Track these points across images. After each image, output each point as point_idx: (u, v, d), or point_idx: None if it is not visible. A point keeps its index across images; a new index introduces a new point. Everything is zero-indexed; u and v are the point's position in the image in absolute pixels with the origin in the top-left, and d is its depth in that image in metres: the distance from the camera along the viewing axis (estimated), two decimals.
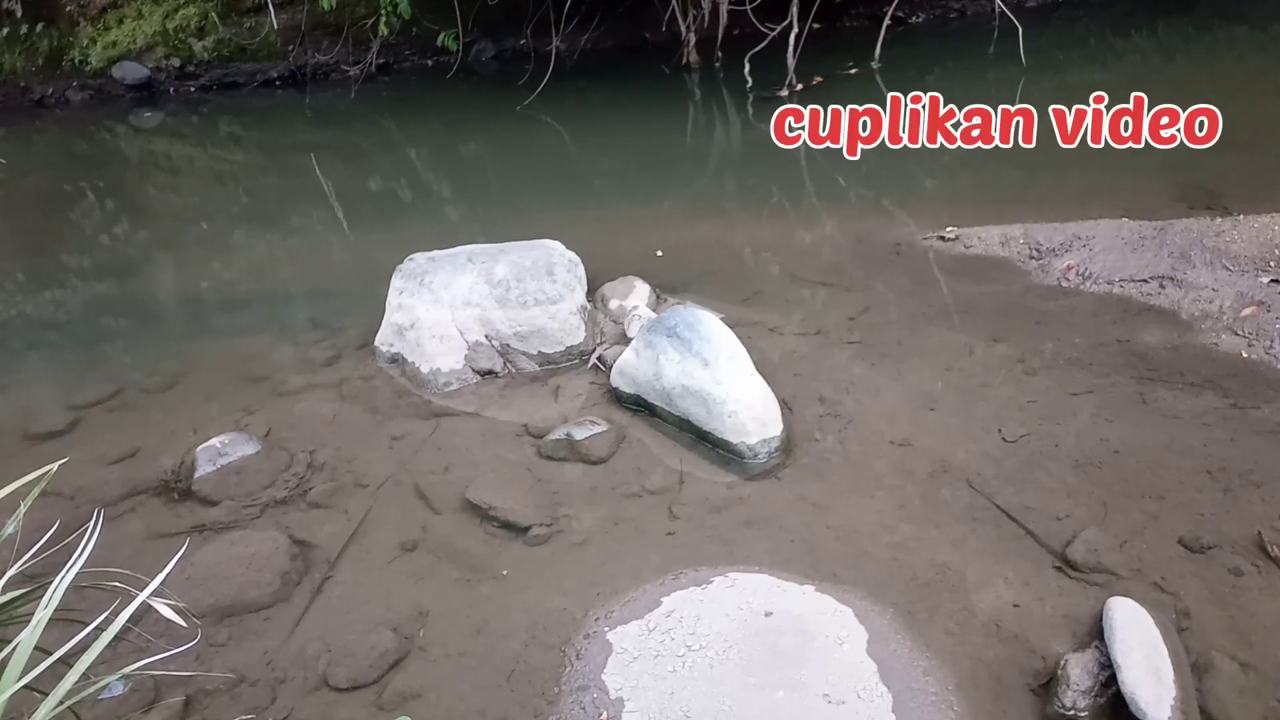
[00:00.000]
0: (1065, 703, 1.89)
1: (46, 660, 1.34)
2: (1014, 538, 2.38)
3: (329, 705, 2.14)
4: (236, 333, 4.06)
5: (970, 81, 6.83)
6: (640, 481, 2.77)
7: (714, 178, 5.98)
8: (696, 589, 2.29)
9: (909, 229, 4.32)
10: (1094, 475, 2.55)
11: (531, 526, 2.62)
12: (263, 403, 3.46)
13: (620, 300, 3.71)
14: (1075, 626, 2.09)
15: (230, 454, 3.08)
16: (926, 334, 3.40)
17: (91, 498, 2.98)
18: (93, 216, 6.76)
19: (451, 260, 3.67)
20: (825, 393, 3.10)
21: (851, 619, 2.15)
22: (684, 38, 7.80)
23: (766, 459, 2.80)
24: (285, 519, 2.80)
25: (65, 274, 5.43)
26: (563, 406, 3.23)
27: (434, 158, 7.32)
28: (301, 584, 2.53)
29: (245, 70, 9.56)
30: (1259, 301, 3.25)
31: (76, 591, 1.48)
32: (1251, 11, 7.43)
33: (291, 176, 7.26)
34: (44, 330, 4.55)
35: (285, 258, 5.28)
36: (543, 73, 7.55)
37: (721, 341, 2.99)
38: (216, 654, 2.31)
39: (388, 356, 3.63)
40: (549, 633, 2.24)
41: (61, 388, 3.76)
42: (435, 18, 8.38)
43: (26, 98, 9.90)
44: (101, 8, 9.71)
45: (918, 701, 1.94)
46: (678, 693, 2.00)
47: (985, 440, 2.76)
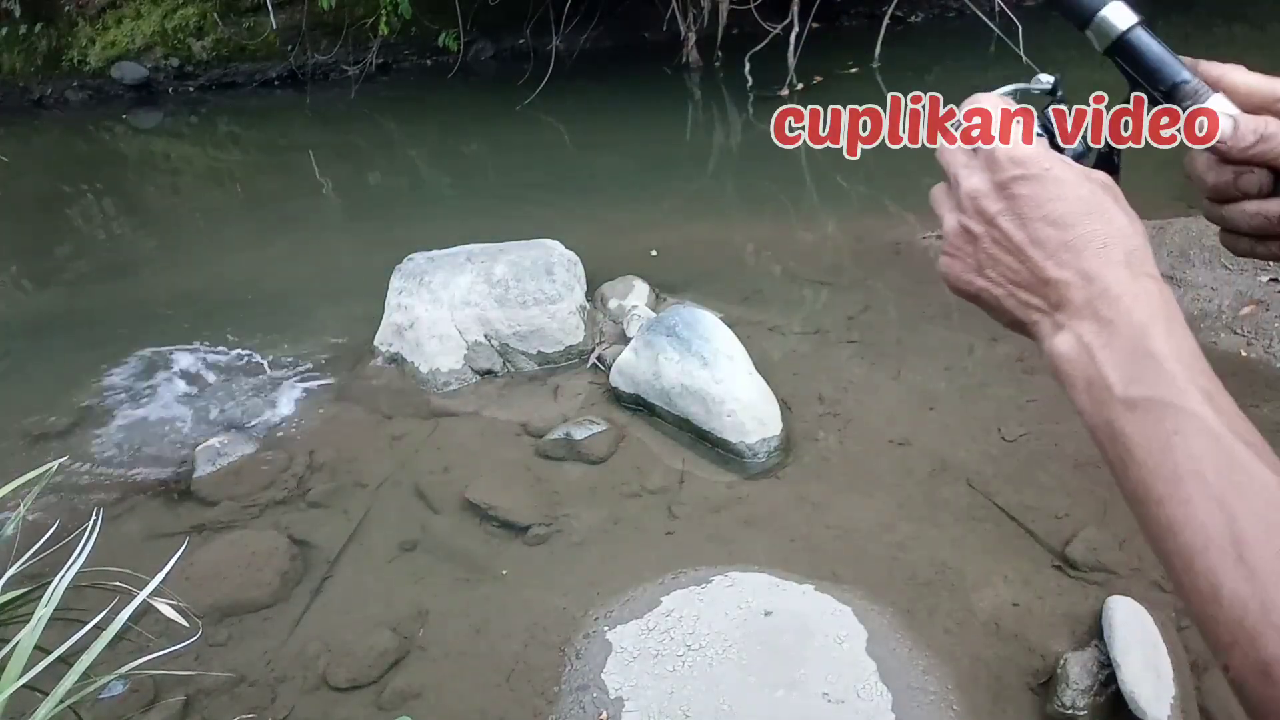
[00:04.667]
0: (1065, 701, 1.89)
1: (46, 659, 1.34)
2: (1013, 537, 2.39)
3: (329, 705, 2.14)
4: (235, 332, 4.05)
5: (970, 81, 6.80)
6: (640, 481, 2.77)
7: (714, 177, 5.98)
8: (696, 588, 2.29)
9: (909, 228, 4.32)
10: (1093, 474, 2.55)
11: (531, 526, 2.61)
12: (261, 402, 3.46)
13: (619, 300, 3.71)
14: (1075, 625, 2.09)
15: (229, 454, 3.08)
16: (926, 333, 3.40)
17: (91, 497, 2.98)
18: (92, 216, 6.75)
19: (450, 260, 3.67)
20: (825, 392, 3.10)
21: (851, 618, 2.15)
22: (684, 37, 7.80)
23: (766, 458, 2.80)
24: (285, 519, 2.80)
25: (64, 273, 5.43)
26: (562, 406, 3.23)
27: (433, 157, 7.31)
28: (301, 584, 2.53)
29: (244, 70, 9.55)
30: (1257, 300, 3.25)
31: (76, 591, 1.47)
32: (1251, 10, 7.43)
33: (290, 176, 7.25)
34: (43, 329, 4.55)
35: (284, 257, 5.28)
36: (542, 72, 7.55)
37: (721, 341, 2.99)
38: (216, 654, 2.31)
39: (387, 356, 3.63)
40: (548, 632, 2.24)
41: (61, 387, 3.75)
42: (435, 18, 8.37)
43: (25, 98, 9.89)
44: (100, 8, 9.70)
45: (917, 700, 1.94)
46: (677, 692, 2.00)
47: (985, 439, 2.77)
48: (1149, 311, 0.52)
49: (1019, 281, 0.57)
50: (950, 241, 0.60)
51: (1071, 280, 0.54)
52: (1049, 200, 0.55)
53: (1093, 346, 0.53)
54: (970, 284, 0.59)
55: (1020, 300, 0.57)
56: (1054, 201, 0.55)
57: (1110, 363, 0.52)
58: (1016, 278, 0.57)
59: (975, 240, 0.58)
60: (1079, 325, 0.54)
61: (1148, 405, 0.50)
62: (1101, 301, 0.53)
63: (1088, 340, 0.53)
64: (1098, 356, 0.52)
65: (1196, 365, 0.51)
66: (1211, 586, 0.45)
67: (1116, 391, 0.51)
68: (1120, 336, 0.52)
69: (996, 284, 0.58)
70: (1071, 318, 0.54)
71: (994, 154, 0.58)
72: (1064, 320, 0.55)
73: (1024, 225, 0.56)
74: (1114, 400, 0.51)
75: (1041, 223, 0.55)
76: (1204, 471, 0.47)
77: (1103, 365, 0.52)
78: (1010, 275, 0.57)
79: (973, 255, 0.59)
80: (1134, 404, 0.50)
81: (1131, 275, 0.53)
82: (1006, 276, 0.57)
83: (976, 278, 0.59)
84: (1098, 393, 0.52)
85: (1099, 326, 0.53)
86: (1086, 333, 0.53)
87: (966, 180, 0.59)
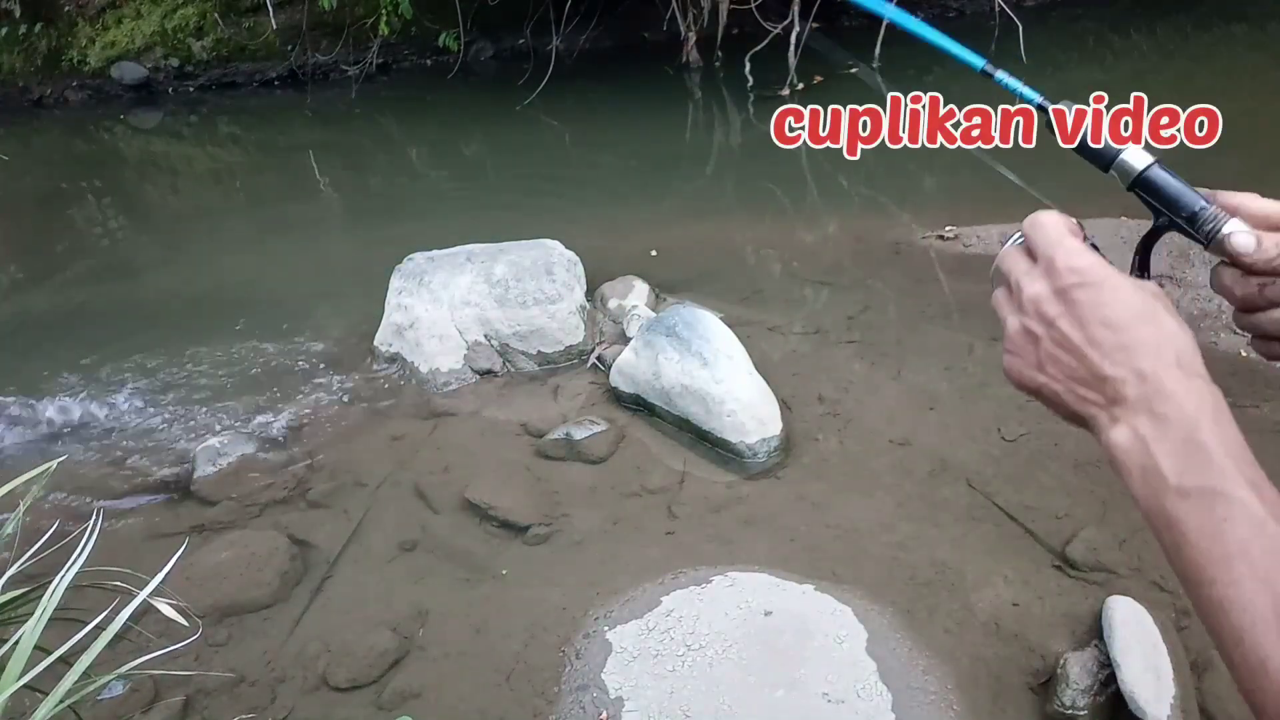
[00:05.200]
0: (1065, 701, 1.89)
1: (46, 659, 1.34)
2: (1013, 537, 2.39)
3: (329, 705, 2.14)
4: (235, 332, 4.05)
5: (970, 81, 6.81)
6: (639, 481, 2.77)
7: (714, 177, 5.98)
8: (696, 588, 2.29)
9: (908, 228, 4.32)
10: (1093, 474, 2.55)
11: (531, 526, 2.61)
12: (262, 402, 3.46)
13: (619, 299, 3.71)
14: (1074, 625, 2.09)
15: (229, 454, 3.07)
16: (926, 333, 3.40)
17: (91, 497, 2.98)
18: (91, 216, 6.75)
19: (450, 260, 3.67)
20: (824, 392, 3.09)
21: (851, 618, 2.15)
22: (684, 37, 7.79)
23: (766, 458, 2.80)
24: (285, 519, 2.80)
25: (64, 273, 5.42)
26: (562, 406, 3.23)
27: (433, 157, 7.31)
28: (301, 584, 2.53)
29: (244, 70, 9.55)
30: None
31: (76, 591, 1.47)
32: (1251, 10, 7.43)
33: (290, 176, 7.25)
34: (43, 329, 4.55)
35: (284, 257, 5.28)
36: (542, 72, 7.54)
37: (720, 341, 2.99)
38: (216, 654, 2.31)
39: (387, 356, 3.63)
40: (548, 632, 2.24)
41: (60, 386, 3.75)
42: (435, 17, 8.37)
43: (25, 98, 9.89)
44: (100, 8, 9.70)
45: (917, 700, 1.94)
46: (677, 692, 2.00)
47: (985, 439, 2.77)
48: (1199, 408, 0.56)
49: (1077, 378, 0.61)
50: (1013, 341, 0.65)
51: (1127, 378, 0.58)
52: (1105, 305, 0.60)
53: (1148, 439, 0.57)
54: (1032, 380, 0.64)
55: (1079, 395, 0.61)
56: (1109, 306, 0.60)
57: (1164, 454, 0.56)
58: (1075, 374, 0.61)
59: (1037, 341, 0.63)
60: (1134, 419, 0.58)
61: (1200, 494, 0.54)
62: (1156, 398, 0.57)
63: (1143, 433, 0.57)
64: (1152, 448, 0.56)
65: (1244, 457, 0.55)
66: (1259, 660, 0.49)
67: (1171, 481, 0.55)
68: (1173, 429, 0.56)
69: (1056, 380, 0.62)
70: (1127, 412, 0.58)
71: (1054, 263, 0.62)
72: (1120, 415, 0.59)
73: (1082, 327, 0.60)
74: (1168, 489, 0.55)
75: (1098, 325, 0.60)
76: (1251, 554, 0.51)
77: (1157, 456, 0.56)
78: (1069, 372, 0.61)
79: (1034, 354, 0.63)
80: (1187, 493, 0.54)
81: (1183, 375, 0.57)
82: (1066, 374, 0.62)
83: (1038, 374, 0.63)
84: (1153, 481, 0.56)
85: (1153, 421, 0.57)
86: (1141, 426, 0.57)
87: (1028, 286, 0.64)
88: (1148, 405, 0.57)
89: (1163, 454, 0.55)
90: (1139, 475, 0.57)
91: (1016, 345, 0.64)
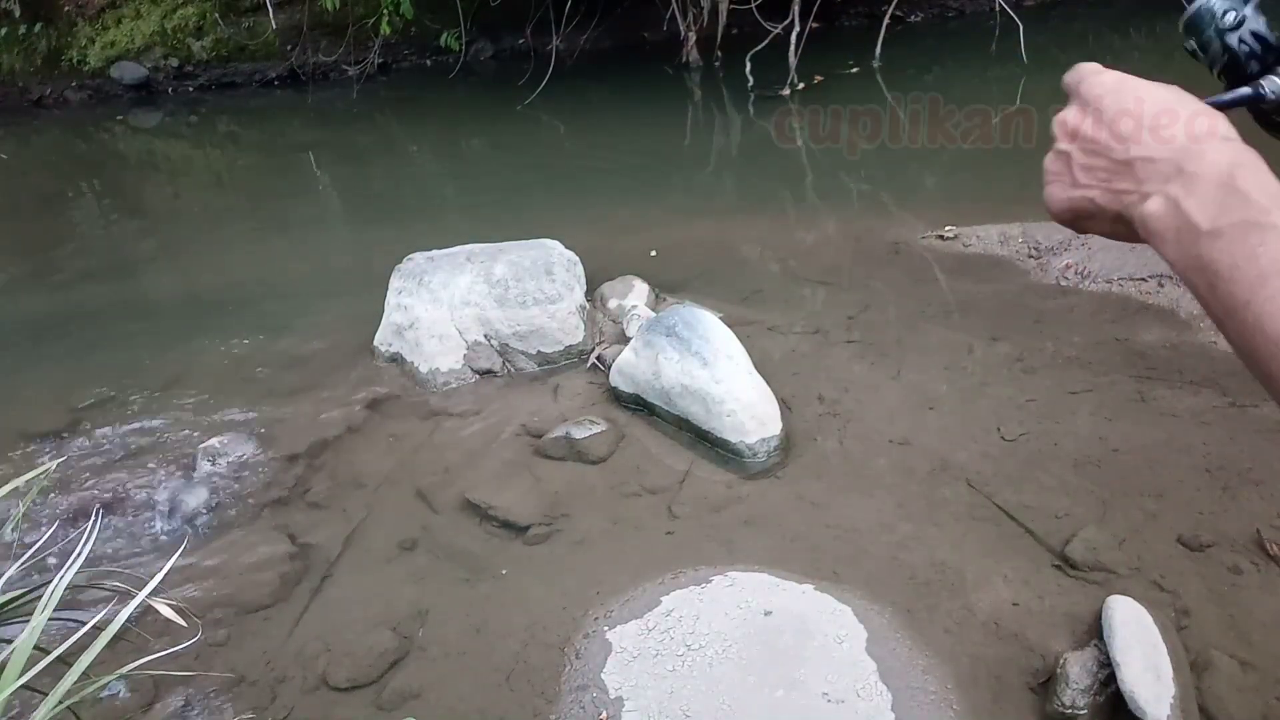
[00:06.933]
0: (1064, 701, 1.89)
1: (46, 659, 1.34)
2: (1013, 536, 2.39)
3: (328, 705, 2.14)
4: (235, 332, 4.05)
5: (970, 81, 6.83)
6: (639, 481, 2.77)
7: (714, 177, 5.98)
8: (696, 588, 2.29)
9: (908, 228, 4.32)
10: (1093, 474, 2.55)
11: (531, 526, 2.61)
12: (261, 402, 3.46)
13: (619, 299, 3.71)
14: (1074, 625, 2.09)
15: (229, 454, 3.07)
16: (925, 333, 3.40)
17: (91, 497, 2.98)
18: (91, 217, 6.76)
19: (450, 260, 3.67)
20: (824, 392, 3.09)
21: (851, 618, 2.15)
22: (684, 37, 7.80)
23: (765, 458, 2.80)
24: (284, 519, 2.80)
25: (64, 273, 5.42)
26: (562, 406, 3.23)
27: (433, 157, 7.32)
28: (301, 584, 2.53)
29: (244, 70, 9.56)
30: None
31: (76, 591, 1.47)
32: None
33: (290, 176, 7.26)
34: (43, 329, 4.55)
35: (284, 257, 5.28)
36: (542, 72, 7.55)
37: (720, 340, 2.99)
38: (216, 654, 2.31)
39: (386, 356, 3.63)
40: (548, 632, 2.24)
41: (60, 387, 3.76)
42: (435, 17, 8.37)
43: (25, 98, 9.89)
44: (100, 8, 9.70)
45: (917, 700, 1.94)
46: (677, 692, 2.00)
47: (984, 439, 2.76)
48: (1233, 159, 0.56)
49: (1108, 172, 0.62)
50: (1049, 172, 0.66)
51: (1154, 153, 0.59)
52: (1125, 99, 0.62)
53: (1178, 198, 0.57)
54: (1069, 198, 0.65)
55: (1114, 191, 0.62)
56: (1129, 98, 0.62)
57: (1195, 208, 0.56)
58: (1106, 170, 0.62)
59: (1068, 159, 0.64)
60: (1165, 187, 0.58)
61: (1232, 230, 0.54)
62: (1185, 158, 0.58)
63: (1173, 194, 0.57)
64: (1183, 205, 0.57)
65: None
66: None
67: (1203, 228, 0.55)
68: (1204, 182, 0.56)
69: (1090, 186, 0.63)
70: (1159, 184, 0.59)
71: (1078, 90, 0.65)
72: (1151, 189, 0.59)
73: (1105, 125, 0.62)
74: (1200, 236, 0.55)
75: (1120, 116, 0.61)
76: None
77: (1189, 212, 0.56)
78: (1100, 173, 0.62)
79: (1067, 172, 0.65)
80: (1220, 233, 0.55)
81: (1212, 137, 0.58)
82: (1097, 177, 0.63)
83: (1073, 190, 0.64)
84: (1185, 237, 0.56)
85: (1183, 180, 0.57)
86: (1172, 189, 0.58)
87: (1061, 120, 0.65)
88: (1177, 168, 0.57)
89: (1193, 208, 0.56)
90: (1173, 238, 0.57)
91: (1052, 174, 0.66)
